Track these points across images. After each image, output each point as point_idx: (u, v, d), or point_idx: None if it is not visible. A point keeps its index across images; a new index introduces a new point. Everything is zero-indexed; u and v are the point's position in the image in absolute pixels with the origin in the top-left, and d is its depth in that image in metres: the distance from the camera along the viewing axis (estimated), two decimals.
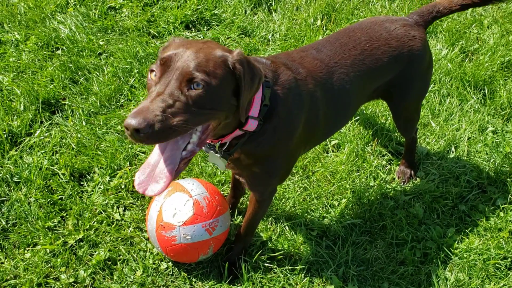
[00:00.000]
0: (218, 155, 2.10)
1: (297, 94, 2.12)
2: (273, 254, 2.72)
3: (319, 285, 2.60)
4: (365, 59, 2.40)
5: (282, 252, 2.72)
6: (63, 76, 3.64)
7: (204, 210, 2.46)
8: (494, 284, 2.61)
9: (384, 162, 3.25)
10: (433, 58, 3.93)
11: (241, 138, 2.03)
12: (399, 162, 3.21)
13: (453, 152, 3.28)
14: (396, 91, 2.61)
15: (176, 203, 2.47)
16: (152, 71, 1.73)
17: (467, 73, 3.75)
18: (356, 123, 3.41)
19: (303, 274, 2.64)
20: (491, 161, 3.21)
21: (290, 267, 2.67)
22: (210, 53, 1.75)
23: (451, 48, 4.01)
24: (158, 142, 1.64)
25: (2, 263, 2.63)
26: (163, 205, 2.49)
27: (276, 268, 2.66)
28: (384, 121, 3.42)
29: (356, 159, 3.19)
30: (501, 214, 2.92)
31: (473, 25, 4.28)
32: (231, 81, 1.77)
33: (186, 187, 2.54)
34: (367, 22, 2.57)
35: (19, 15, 4.22)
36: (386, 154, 3.29)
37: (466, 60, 3.94)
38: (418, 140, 3.28)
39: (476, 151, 3.30)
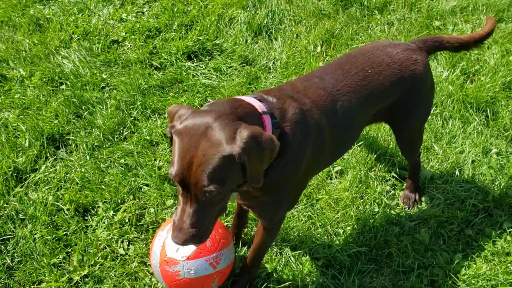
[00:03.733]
0: None
1: (304, 125, 2.16)
2: (279, 286, 2.69)
3: None
4: (368, 85, 2.43)
5: (287, 283, 2.70)
6: (67, 111, 3.69)
7: (207, 244, 2.46)
8: None
9: (388, 188, 3.23)
10: (434, 80, 3.94)
11: None
12: (403, 187, 3.20)
13: (457, 176, 3.26)
14: (398, 114, 2.64)
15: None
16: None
17: (468, 94, 3.75)
18: (359, 149, 3.40)
19: None
20: (496, 183, 3.18)
21: None
22: (217, 154, 1.77)
23: (452, 70, 4.02)
24: (203, 240, 1.92)
25: None
26: (166, 240, 2.49)
27: None
28: (387, 146, 3.41)
29: (360, 185, 3.18)
30: (508, 237, 2.88)
31: None
32: (240, 170, 1.84)
33: None
34: (369, 47, 2.60)
35: (24, 52, 4.31)
36: (389, 179, 3.28)
37: (468, 82, 3.94)
38: (422, 164, 3.28)
39: (481, 174, 3.27)
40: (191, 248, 2.43)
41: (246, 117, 1.93)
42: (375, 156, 3.35)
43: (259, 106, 2.04)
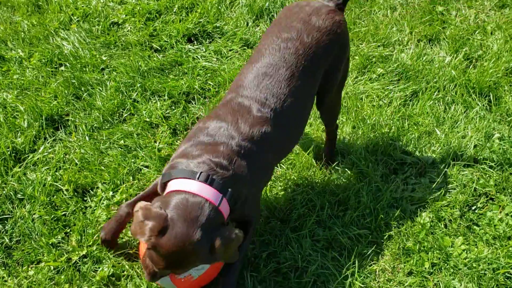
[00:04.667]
0: None
1: (247, 167, 2.33)
2: (279, 266, 2.68)
3: None
4: (304, 73, 2.48)
5: (287, 264, 2.69)
6: (66, 92, 3.66)
7: None
8: None
9: (388, 172, 3.21)
10: (437, 65, 3.91)
11: None
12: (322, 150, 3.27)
13: (459, 160, 3.24)
14: (324, 80, 2.66)
15: None
16: None
17: (471, 79, 3.72)
18: (360, 132, 3.38)
19: (309, 287, 2.60)
20: (498, 168, 3.16)
21: (296, 280, 2.63)
22: (197, 252, 2.11)
23: (455, 55, 3.98)
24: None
25: (5, 281, 2.62)
26: None
27: (281, 281, 2.62)
28: (388, 130, 3.38)
29: (360, 169, 3.16)
30: (510, 221, 2.87)
31: (477, 32, 4.25)
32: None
33: None
34: (295, 26, 2.53)
35: (22, 33, 4.26)
36: (391, 163, 3.25)
37: (470, 67, 3.91)
38: (424, 148, 3.27)
39: (483, 159, 3.25)
40: None
41: (207, 227, 2.13)
42: (376, 140, 3.32)
43: (214, 198, 2.18)
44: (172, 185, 2.24)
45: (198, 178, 2.18)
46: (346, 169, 3.18)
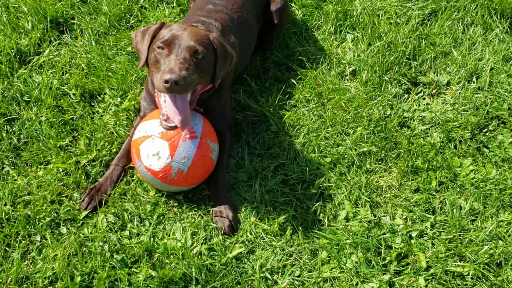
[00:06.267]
0: None
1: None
2: (286, 178, 2.69)
3: (331, 209, 2.59)
4: None
5: (294, 176, 2.69)
6: None
7: (169, 132, 2.42)
8: (509, 214, 2.58)
9: (401, 91, 3.15)
10: None
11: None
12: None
13: (474, 82, 3.17)
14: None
15: (148, 150, 2.44)
16: (160, 47, 2.35)
17: (494, 0, 3.56)
18: (376, 50, 3.28)
19: (315, 199, 2.62)
20: None
21: (302, 192, 2.65)
22: (200, 32, 2.46)
23: None
24: (184, 92, 2.29)
25: (15, 180, 2.63)
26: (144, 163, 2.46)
27: (288, 192, 2.64)
28: (405, 49, 3.28)
29: (374, 87, 3.10)
30: None
31: None
32: (213, 55, 2.46)
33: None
34: None
35: None
36: (404, 83, 3.18)
37: None
38: (439, 70, 3.19)
39: (498, 82, 3.18)
40: (165, 152, 2.41)
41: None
42: (392, 58, 3.23)
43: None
44: None
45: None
46: (359, 86, 3.12)
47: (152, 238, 2.40)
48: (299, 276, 2.33)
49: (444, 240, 2.45)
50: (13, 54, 3.12)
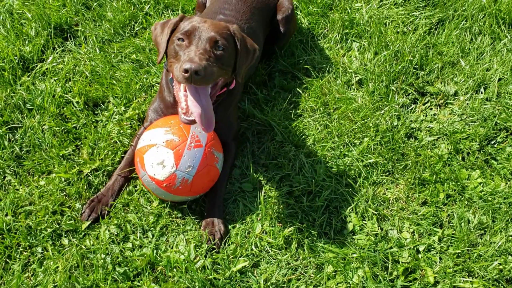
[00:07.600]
0: None
1: None
2: (292, 189, 2.65)
3: (337, 222, 2.55)
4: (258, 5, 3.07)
5: (300, 187, 2.65)
6: (75, 0, 3.47)
7: (174, 141, 2.40)
8: None
9: (408, 101, 3.11)
10: None
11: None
12: None
13: (482, 93, 3.13)
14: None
15: (152, 159, 2.40)
16: (180, 39, 2.31)
17: (502, 9, 3.52)
18: (382, 59, 3.24)
19: (321, 211, 2.58)
20: None
21: (308, 204, 2.61)
22: (220, 24, 2.42)
23: None
24: (205, 84, 2.21)
25: (17, 189, 2.60)
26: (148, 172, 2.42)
27: (294, 203, 2.60)
28: (412, 58, 3.25)
29: (381, 97, 3.06)
30: None
31: None
32: (234, 47, 2.43)
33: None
34: None
35: None
36: (411, 93, 3.14)
37: None
38: (446, 80, 3.15)
39: (507, 93, 3.14)
40: (169, 160, 2.37)
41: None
42: (398, 68, 3.19)
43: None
44: None
45: None
46: (366, 96, 3.08)
47: (155, 251, 2.36)
48: None
49: (452, 254, 2.41)
50: (16, 61, 3.09)
